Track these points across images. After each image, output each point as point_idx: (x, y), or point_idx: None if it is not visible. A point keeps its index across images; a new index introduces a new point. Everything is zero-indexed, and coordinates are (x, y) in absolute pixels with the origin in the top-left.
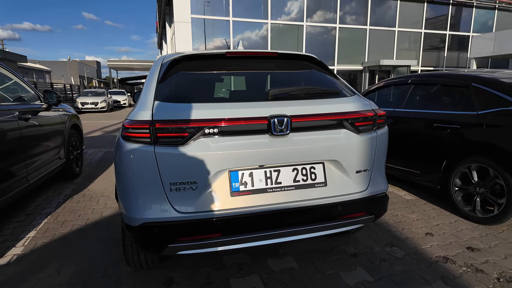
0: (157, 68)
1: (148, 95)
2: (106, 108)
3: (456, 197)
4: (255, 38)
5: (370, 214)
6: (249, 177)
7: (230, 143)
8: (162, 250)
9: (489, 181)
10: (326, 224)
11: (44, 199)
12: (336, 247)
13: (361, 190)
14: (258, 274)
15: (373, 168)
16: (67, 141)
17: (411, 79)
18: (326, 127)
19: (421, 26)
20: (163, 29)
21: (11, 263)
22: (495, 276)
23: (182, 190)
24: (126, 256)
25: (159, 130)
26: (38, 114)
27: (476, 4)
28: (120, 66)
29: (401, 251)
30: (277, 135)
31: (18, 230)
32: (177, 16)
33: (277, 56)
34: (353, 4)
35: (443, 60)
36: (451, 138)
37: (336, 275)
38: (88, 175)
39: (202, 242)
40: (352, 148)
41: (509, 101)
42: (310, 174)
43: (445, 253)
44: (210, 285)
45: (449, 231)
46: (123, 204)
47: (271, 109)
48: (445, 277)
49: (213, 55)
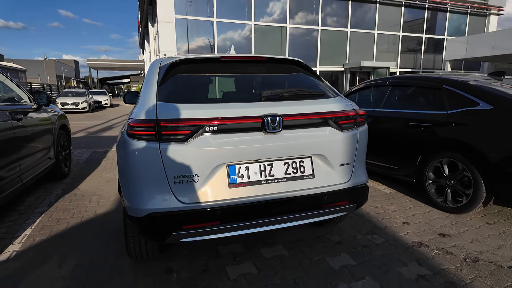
0: (155, 70)
1: (149, 96)
2: (87, 108)
3: (430, 189)
4: (238, 39)
5: (352, 203)
6: (245, 170)
7: (228, 140)
8: (167, 238)
9: (458, 174)
10: (314, 212)
11: (35, 199)
12: (322, 236)
13: (344, 181)
14: (252, 261)
15: (355, 161)
16: (56, 141)
17: (389, 81)
18: (313, 125)
19: (399, 29)
20: (146, 28)
21: (11, 259)
22: (462, 257)
23: (185, 182)
24: (128, 247)
25: (164, 128)
26: (29, 114)
27: (450, 9)
28: (100, 66)
29: (381, 238)
30: (270, 132)
31: (13, 229)
32: (161, 16)
33: (267, 60)
34: (334, 7)
35: (420, 62)
36: (425, 136)
37: (322, 260)
38: (77, 175)
39: (203, 229)
40: (336, 143)
41: (475, 102)
42: (300, 167)
43: (420, 239)
44: (208, 272)
45: (423, 220)
46: (128, 197)
47: (264, 109)
48: (419, 259)
49: (208, 59)
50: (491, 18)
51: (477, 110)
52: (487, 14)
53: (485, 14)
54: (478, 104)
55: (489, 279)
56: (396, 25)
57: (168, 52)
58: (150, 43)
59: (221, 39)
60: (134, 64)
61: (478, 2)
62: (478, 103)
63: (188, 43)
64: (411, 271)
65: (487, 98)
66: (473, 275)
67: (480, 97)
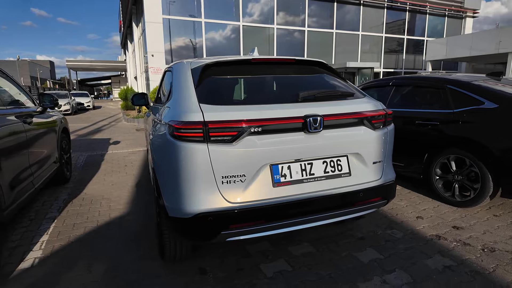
0: (186, 73)
1: (188, 97)
2: (70, 111)
3: (437, 185)
4: (226, 39)
5: (384, 199)
6: (288, 169)
7: (272, 140)
8: (214, 238)
9: (465, 169)
10: (351, 208)
11: (42, 204)
12: (344, 232)
13: (377, 178)
14: (284, 259)
15: (385, 159)
16: (59, 145)
17: (392, 82)
18: (350, 124)
19: (382, 30)
20: (129, 28)
21: (35, 266)
22: (480, 247)
23: (233, 182)
24: (163, 249)
25: (212, 129)
26: (35, 117)
27: (429, 11)
28: (80, 66)
29: (400, 232)
30: (312, 132)
31: (28, 235)
32: (148, 17)
33: (294, 62)
34: (320, 9)
35: (402, 63)
36: (431, 134)
37: (350, 256)
38: (79, 180)
39: (249, 228)
40: (370, 142)
41: (480, 101)
42: (337, 166)
43: (436, 232)
44: (243, 271)
45: (434, 214)
46: (172, 199)
47: (305, 109)
48: (441, 251)
49: (239, 61)
50: (467, 20)
51: (482, 108)
52: (463, 17)
53: (461, 16)
54: (483, 103)
55: (509, 267)
56: (379, 27)
57: (156, 53)
58: (134, 43)
59: (209, 39)
60: (115, 65)
61: (455, 5)
62: (483, 102)
63: (170, 43)
64: (436, 262)
65: (491, 97)
66: (494, 264)
67: (485, 96)
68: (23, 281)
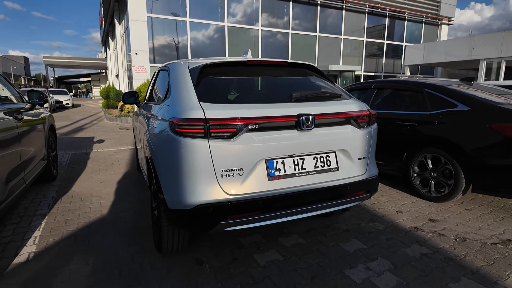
0: (184, 73)
1: (188, 96)
2: (48, 108)
3: (415, 182)
4: (211, 39)
5: (367, 193)
6: (282, 164)
7: (267, 137)
8: (213, 228)
9: (440, 167)
10: (338, 201)
11: (30, 201)
12: (330, 225)
13: (362, 173)
14: (275, 249)
15: (369, 156)
16: (47, 142)
17: (374, 85)
18: (338, 123)
19: (363, 34)
20: (110, 25)
21: (31, 260)
22: (453, 237)
23: (231, 176)
24: (160, 241)
25: (213, 126)
26: (24, 114)
27: (407, 17)
28: (58, 63)
29: (382, 225)
30: (304, 130)
31: (20, 231)
32: (132, 15)
33: (286, 64)
34: (304, 12)
35: (382, 66)
36: (410, 134)
37: (337, 246)
38: (65, 178)
39: (246, 219)
40: (356, 140)
41: (454, 104)
42: (326, 161)
43: (414, 224)
44: (237, 261)
45: (413, 208)
46: (173, 191)
47: (298, 109)
48: (418, 241)
49: (235, 63)
50: (442, 27)
51: (456, 111)
52: (439, 24)
53: (437, 23)
54: (457, 105)
55: (478, 253)
56: (360, 31)
57: (140, 51)
58: (116, 40)
59: (194, 39)
60: (95, 62)
61: (432, 13)
62: (456, 104)
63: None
64: (414, 251)
65: (464, 100)
66: (465, 252)
67: (458, 99)
68: (21, 275)
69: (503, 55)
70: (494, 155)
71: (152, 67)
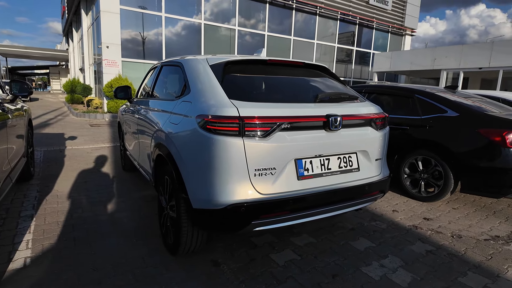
0: (206, 69)
1: (217, 93)
2: None
3: (406, 183)
4: (187, 36)
5: (381, 192)
6: (310, 164)
7: (298, 136)
8: (243, 228)
9: (431, 168)
10: (358, 200)
11: (10, 202)
12: (335, 224)
13: (378, 173)
14: (290, 249)
15: (383, 157)
16: (26, 138)
17: (364, 89)
18: (361, 124)
19: (335, 40)
20: (75, 15)
21: (28, 266)
22: (449, 235)
23: (264, 175)
24: (179, 242)
25: (248, 124)
26: (5, 106)
27: (375, 26)
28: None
29: (383, 223)
30: (332, 130)
31: (7, 234)
32: (104, 6)
33: (302, 65)
34: (279, 15)
35: (351, 72)
36: (401, 137)
37: (347, 244)
38: (44, 176)
39: (277, 218)
40: (374, 141)
41: (444, 109)
42: (349, 162)
43: (412, 223)
44: (255, 261)
45: (406, 208)
46: (202, 191)
47: (326, 109)
48: (421, 238)
49: (256, 61)
50: (406, 38)
51: (446, 116)
52: (403, 34)
53: (402, 34)
54: (447, 111)
55: (475, 249)
56: (332, 37)
57: (111, 45)
58: (82, 32)
59: (168, 34)
60: (56, 54)
61: (397, 23)
62: (446, 110)
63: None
64: (419, 248)
65: (453, 107)
66: (464, 248)
67: (448, 105)
68: (23, 282)
69: (462, 66)
70: (481, 157)
71: (124, 61)
